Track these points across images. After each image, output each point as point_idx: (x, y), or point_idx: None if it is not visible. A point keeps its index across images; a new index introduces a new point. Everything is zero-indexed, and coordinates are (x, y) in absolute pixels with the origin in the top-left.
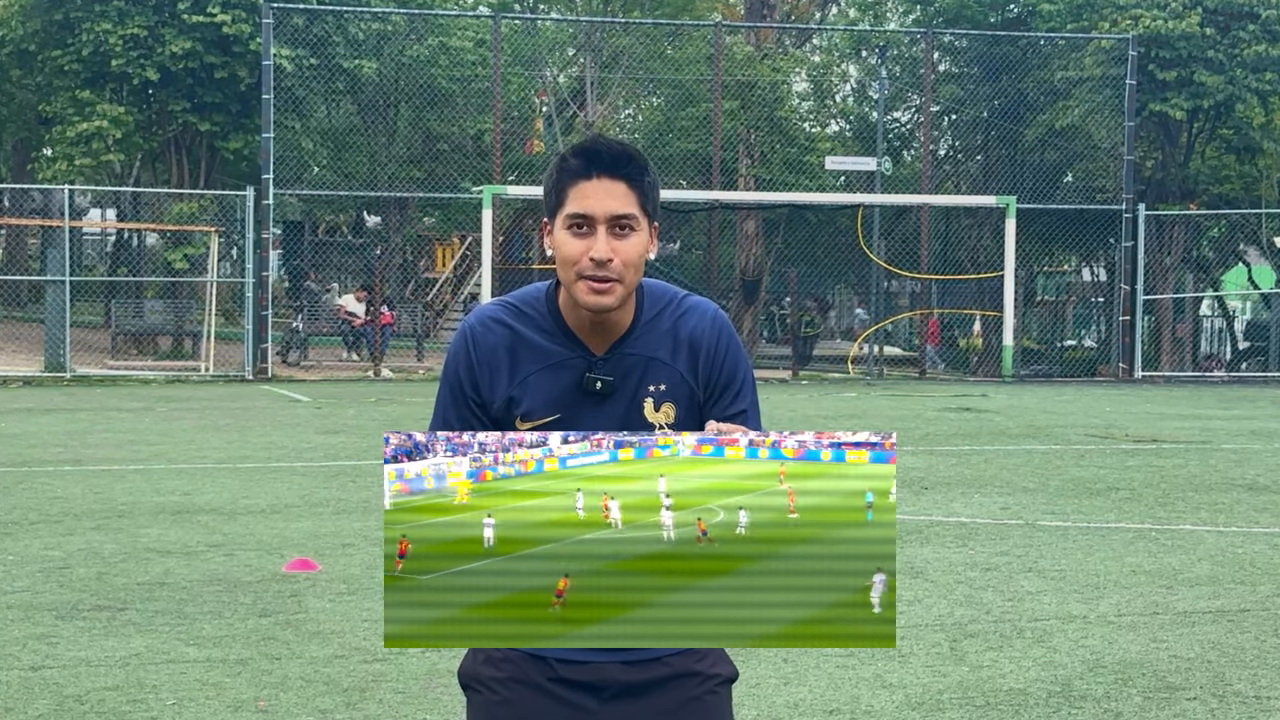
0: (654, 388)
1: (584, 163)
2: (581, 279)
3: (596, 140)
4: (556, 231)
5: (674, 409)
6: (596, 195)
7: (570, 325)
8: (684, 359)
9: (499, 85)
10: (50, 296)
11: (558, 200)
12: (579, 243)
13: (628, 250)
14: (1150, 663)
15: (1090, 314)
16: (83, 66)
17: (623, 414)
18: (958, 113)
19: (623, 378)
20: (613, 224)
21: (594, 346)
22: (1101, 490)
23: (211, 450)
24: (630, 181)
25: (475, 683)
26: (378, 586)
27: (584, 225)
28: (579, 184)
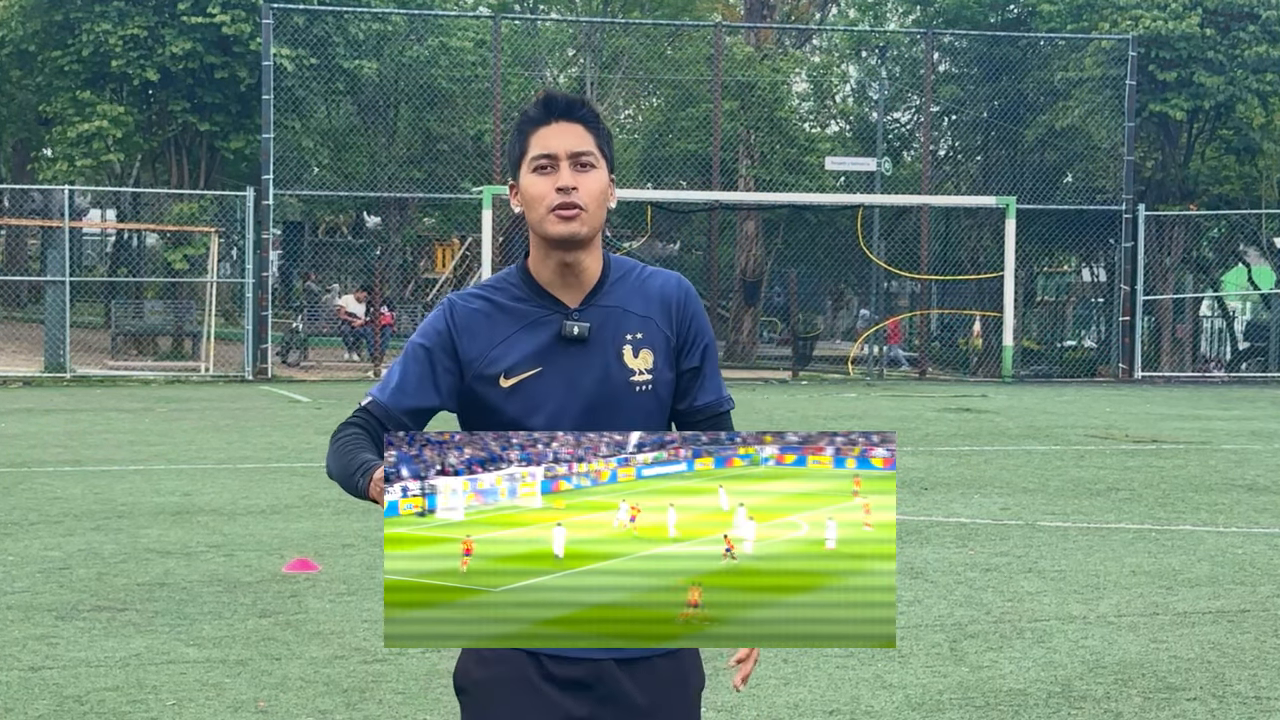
0: (630, 336)
1: (542, 110)
2: (550, 212)
3: (550, 91)
4: (523, 179)
5: (652, 355)
6: (557, 135)
7: (543, 284)
8: (656, 310)
9: (499, 86)
10: (50, 297)
11: (521, 150)
12: (544, 179)
13: (590, 183)
14: (1150, 663)
15: (1090, 314)
16: (83, 67)
17: (602, 363)
18: (958, 113)
19: (599, 327)
20: (574, 160)
21: (568, 300)
22: (1101, 490)
23: (211, 450)
24: (586, 124)
25: (469, 684)
26: (378, 586)
27: (548, 164)
28: (539, 130)
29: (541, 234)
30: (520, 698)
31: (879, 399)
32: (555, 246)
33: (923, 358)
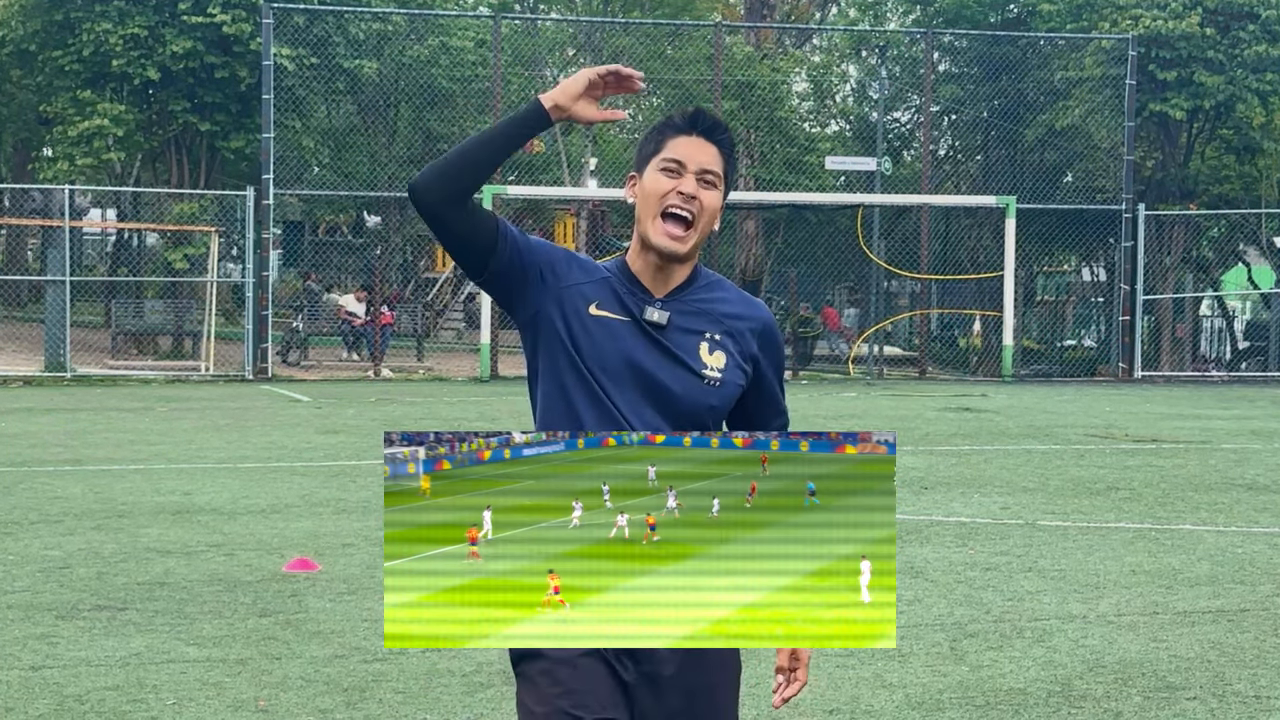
0: (709, 335)
1: (688, 121)
2: (664, 215)
3: (699, 108)
4: (647, 174)
5: (724, 357)
6: (693, 148)
7: (635, 273)
8: (737, 327)
9: (499, 85)
10: (50, 296)
11: (655, 148)
12: (670, 181)
13: (709, 199)
14: (1150, 663)
15: (1090, 314)
16: (83, 67)
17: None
18: (958, 113)
19: (680, 319)
20: (701, 174)
21: (655, 290)
22: (1101, 490)
23: (211, 450)
24: (721, 147)
25: (530, 652)
26: (378, 586)
27: (677, 168)
28: (679, 137)
29: (645, 235)
30: (585, 661)
31: (879, 398)
32: (654, 252)
33: (923, 357)
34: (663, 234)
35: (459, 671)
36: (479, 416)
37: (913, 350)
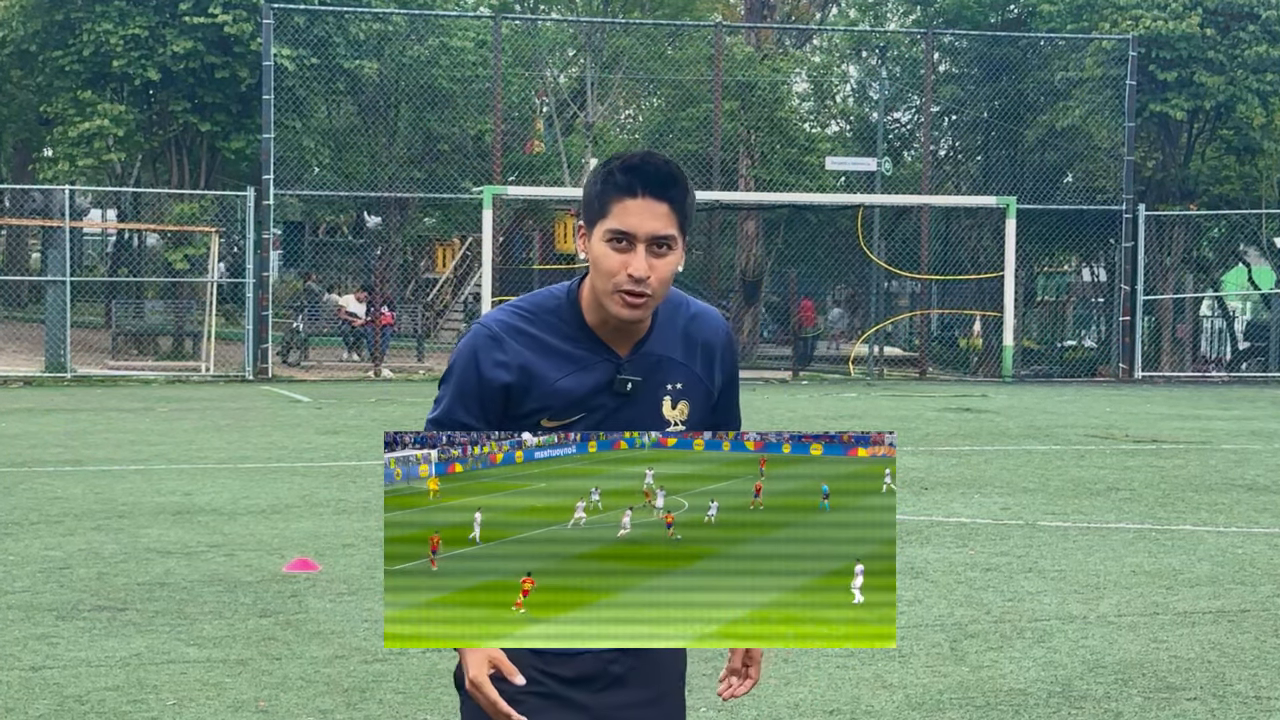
0: (671, 386)
1: (631, 180)
2: (618, 293)
3: (646, 159)
4: (595, 242)
5: (688, 406)
6: (640, 215)
7: (592, 326)
8: (699, 360)
9: (499, 86)
10: (51, 297)
11: (600, 211)
12: (618, 257)
13: (663, 269)
14: (1150, 663)
15: (1090, 314)
16: (84, 67)
17: (642, 412)
18: (958, 113)
19: (644, 377)
20: (652, 243)
21: (617, 348)
22: (1101, 490)
23: (211, 450)
24: (673, 204)
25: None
26: (378, 586)
27: (624, 241)
28: (624, 201)
29: (603, 305)
30: (524, 698)
31: (879, 399)
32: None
33: (923, 357)
34: (621, 308)
35: None
36: None
37: (913, 350)
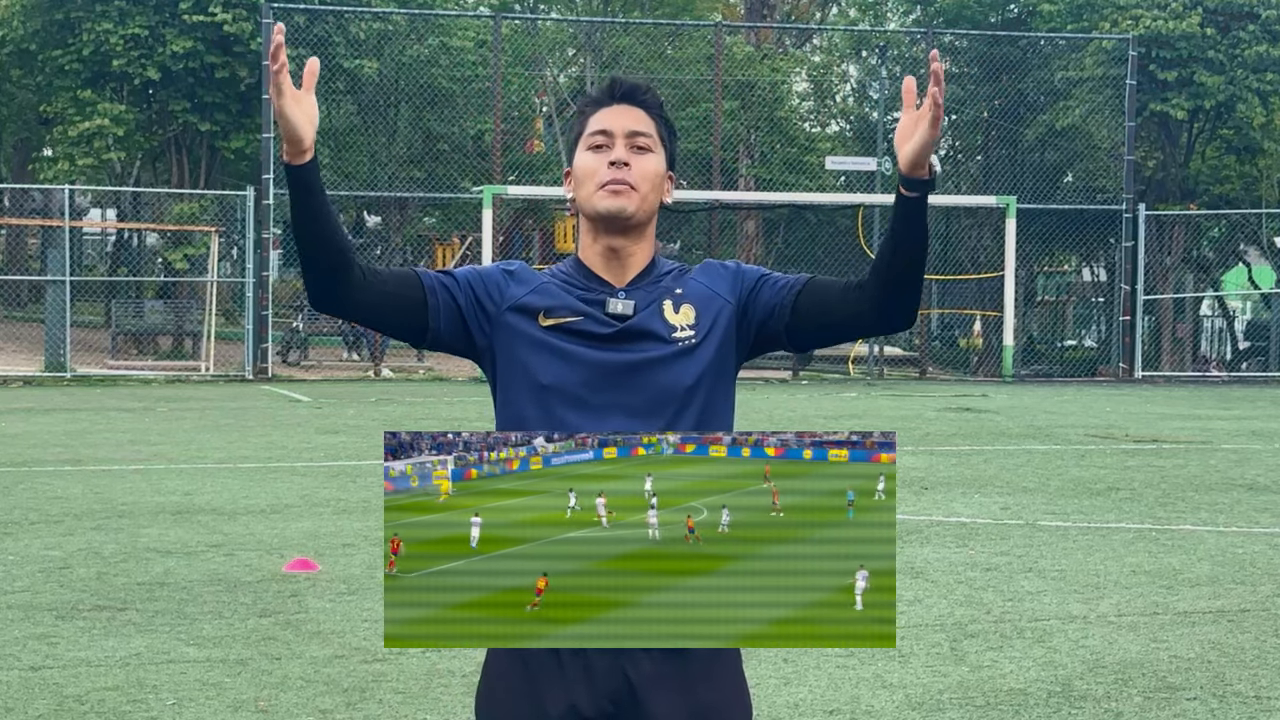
0: (672, 294)
1: (604, 92)
2: (601, 187)
3: (615, 77)
4: (577, 158)
5: (693, 311)
6: (615, 115)
7: (590, 265)
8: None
9: (499, 85)
10: (50, 296)
11: (579, 130)
12: (598, 156)
13: (644, 164)
14: (1150, 663)
15: (1090, 314)
16: (83, 66)
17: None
18: (958, 113)
19: (644, 302)
20: (630, 139)
21: (614, 280)
22: (1101, 490)
23: (211, 450)
24: (648, 109)
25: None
26: (378, 586)
27: (603, 142)
28: (599, 110)
29: (590, 211)
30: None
31: (879, 398)
32: (603, 226)
33: (923, 357)
34: (605, 198)
35: (459, 671)
36: (479, 416)
37: (913, 350)
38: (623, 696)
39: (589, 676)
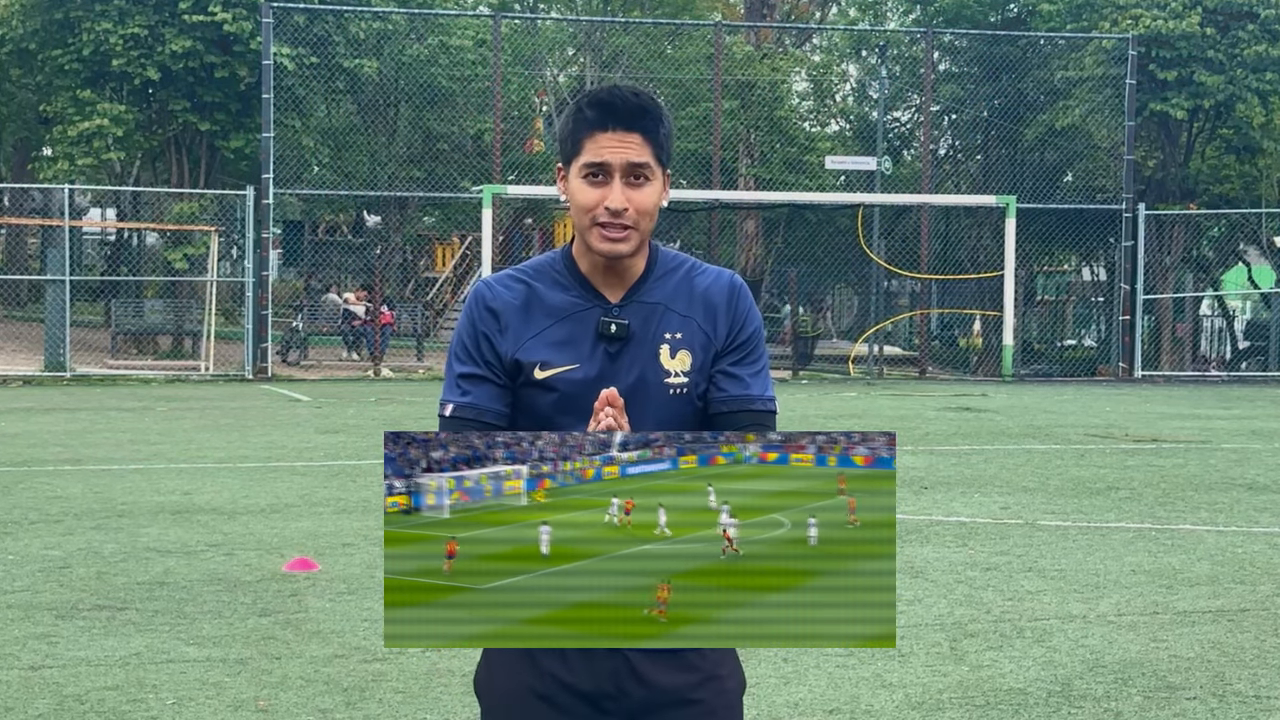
0: (670, 335)
1: (601, 114)
2: (596, 226)
3: (613, 92)
4: (572, 180)
5: (689, 357)
6: (612, 146)
7: (585, 273)
8: (700, 311)
9: (499, 85)
10: (50, 296)
11: (574, 149)
12: (595, 191)
13: (642, 199)
14: (1150, 663)
15: (1090, 314)
16: (83, 66)
17: (639, 362)
18: (958, 112)
19: (639, 325)
20: (628, 173)
21: (609, 294)
22: (1101, 490)
23: (211, 450)
24: (645, 134)
25: (486, 695)
26: (378, 586)
27: (600, 174)
28: (595, 135)
29: (586, 242)
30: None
31: (879, 398)
32: (600, 255)
33: (923, 357)
34: (602, 241)
35: (459, 671)
36: None
37: (913, 350)
38: (623, 674)
39: (588, 656)
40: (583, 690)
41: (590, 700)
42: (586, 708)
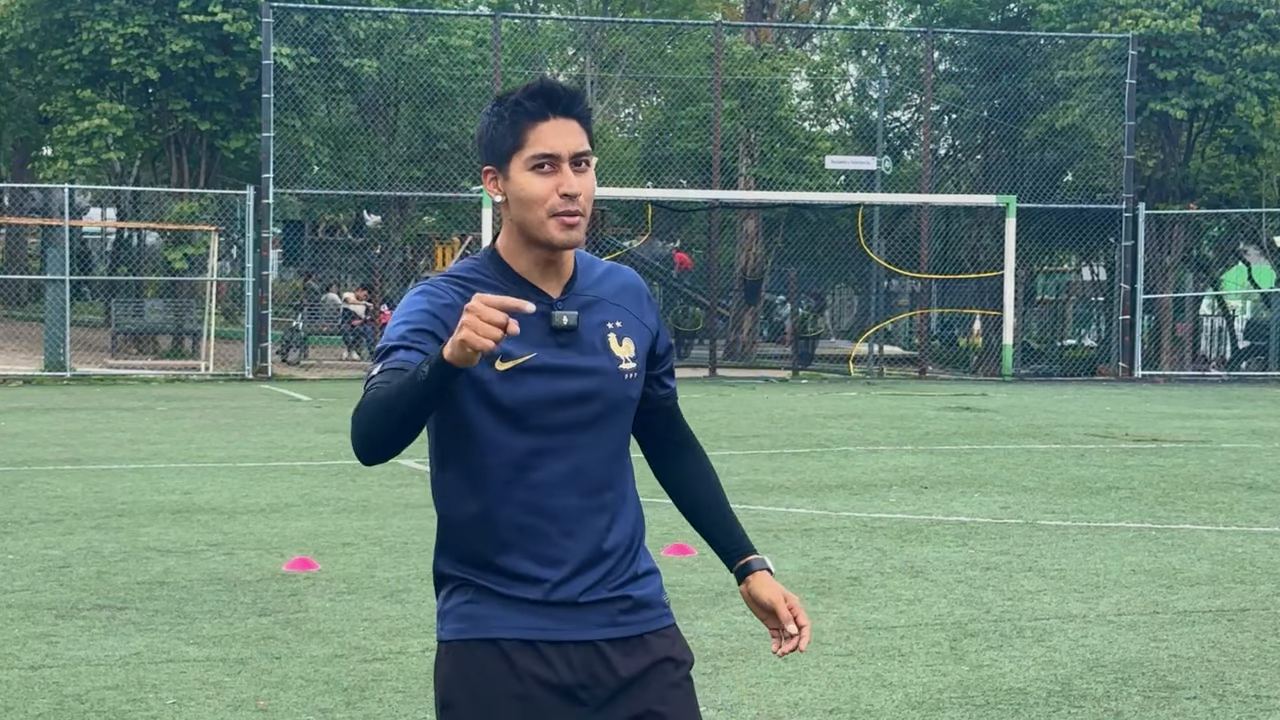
0: (612, 324)
1: (541, 104)
2: (554, 217)
3: (547, 82)
4: (516, 175)
5: (633, 345)
6: (558, 134)
7: (521, 272)
8: (630, 301)
9: (499, 85)
10: (50, 296)
11: (515, 143)
12: (546, 180)
13: (588, 185)
14: (1150, 662)
15: (1090, 313)
16: (83, 66)
17: (592, 350)
18: (958, 112)
19: (584, 316)
20: (574, 160)
21: (549, 290)
22: (1101, 490)
23: (211, 450)
24: (582, 120)
25: (451, 699)
26: (378, 585)
27: (548, 164)
28: (538, 125)
29: (538, 236)
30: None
31: (879, 398)
32: (550, 249)
33: (923, 356)
34: (559, 231)
35: None
36: None
37: (913, 350)
38: (596, 666)
39: (565, 654)
40: (559, 683)
41: (566, 692)
42: (562, 700)
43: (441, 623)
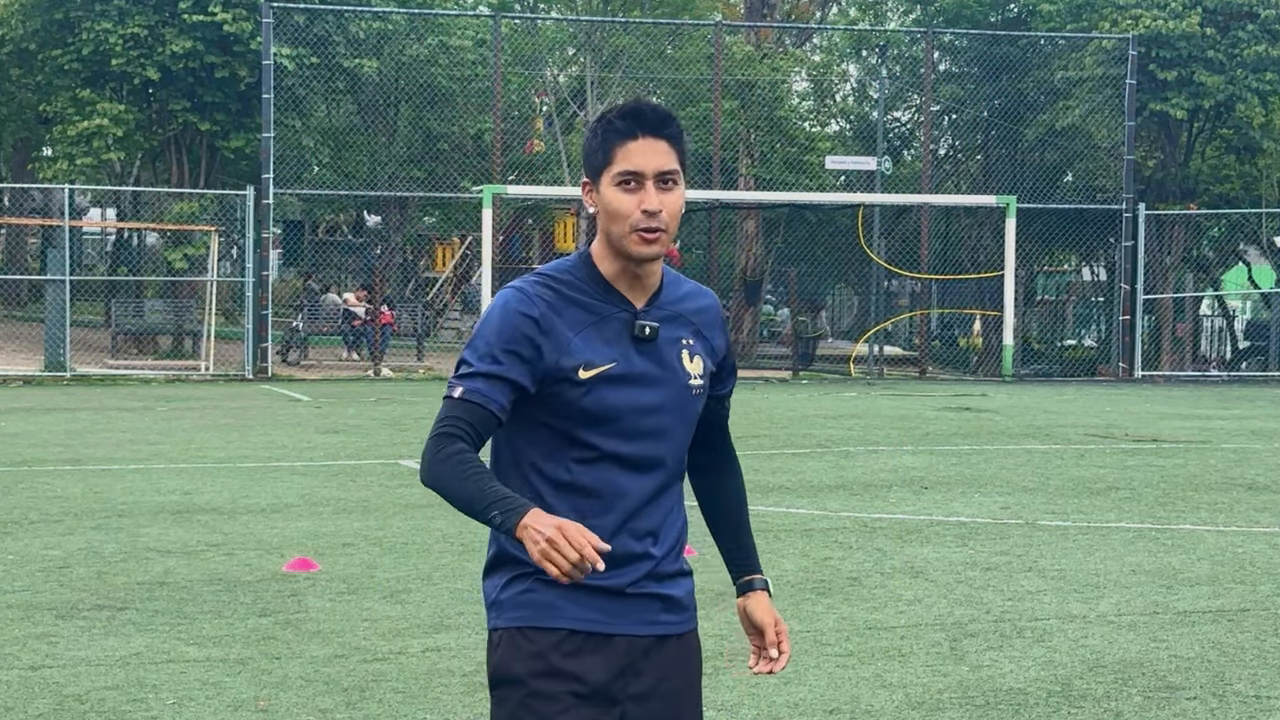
0: (686, 341)
1: (630, 124)
2: (635, 231)
3: (639, 103)
4: (605, 190)
5: (702, 363)
6: (644, 153)
7: (609, 279)
8: (706, 323)
9: (499, 85)
10: (50, 296)
11: (604, 160)
12: (630, 197)
13: (672, 202)
14: (1150, 663)
15: (1090, 313)
16: (83, 66)
17: (670, 362)
18: (958, 112)
19: (664, 329)
20: (659, 179)
21: (634, 300)
22: (1101, 490)
23: (211, 450)
24: (671, 140)
25: (508, 679)
26: (378, 586)
27: (633, 181)
28: (626, 144)
29: (621, 250)
30: (566, 697)
31: (879, 398)
32: (632, 261)
33: (923, 357)
34: (640, 245)
35: (459, 671)
36: None
37: (913, 350)
38: (626, 669)
39: (613, 645)
40: (600, 683)
41: (606, 685)
42: (601, 693)
43: (498, 611)
